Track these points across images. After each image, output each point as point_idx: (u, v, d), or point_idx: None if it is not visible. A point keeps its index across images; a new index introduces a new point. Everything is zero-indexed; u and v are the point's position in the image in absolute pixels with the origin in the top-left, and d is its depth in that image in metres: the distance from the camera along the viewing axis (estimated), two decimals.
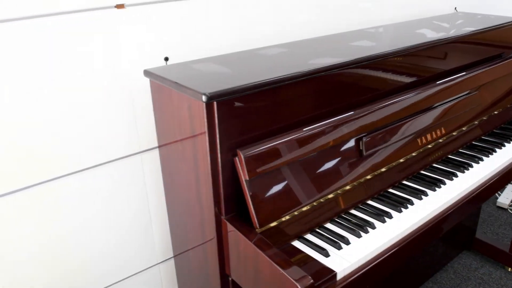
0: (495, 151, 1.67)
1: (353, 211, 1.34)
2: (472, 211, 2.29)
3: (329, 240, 1.21)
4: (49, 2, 1.19)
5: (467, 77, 1.70)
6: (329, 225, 1.28)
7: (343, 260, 1.14)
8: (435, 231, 1.34)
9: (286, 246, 1.19)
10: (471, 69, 1.74)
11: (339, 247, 1.18)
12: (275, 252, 1.07)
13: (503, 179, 1.59)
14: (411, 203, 1.36)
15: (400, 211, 1.33)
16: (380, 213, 1.31)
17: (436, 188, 1.43)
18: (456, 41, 1.67)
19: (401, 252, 1.24)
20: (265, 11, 1.63)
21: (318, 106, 1.29)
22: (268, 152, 1.15)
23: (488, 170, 1.54)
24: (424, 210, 1.33)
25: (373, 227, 1.26)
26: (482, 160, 1.61)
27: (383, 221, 1.28)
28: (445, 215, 1.35)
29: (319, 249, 1.17)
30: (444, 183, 1.46)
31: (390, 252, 1.21)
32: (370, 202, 1.38)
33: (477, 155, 1.63)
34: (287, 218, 1.20)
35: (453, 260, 2.29)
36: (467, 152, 1.66)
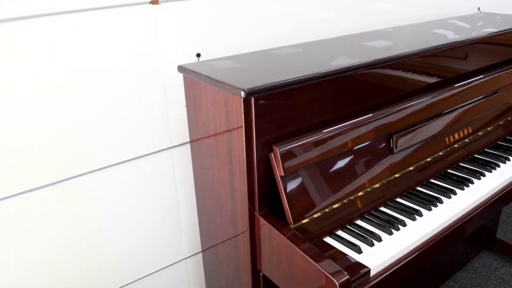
0: None
1: (383, 208, 1.34)
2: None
3: (361, 237, 1.22)
4: None
5: (492, 78, 1.69)
6: (360, 222, 1.29)
7: (376, 257, 1.15)
8: (464, 230, 1.34)
9: (318, 242, 1.20)
10: (496, 70, 1.74)
11: (371, 244, 1.19)
12: (310, 247, 1.08)
13: None
14: (441, 202, 1.36)
15: (430, 209, 1.33)
16: (410, 211, 1.31)
17: (465, 187, 1.43)
18: (481, 42, 1.66)
19: (432, 250, 1.24)
20: (293, 10, 1.64)
21: (350, 104, 1.29)
22: (303, 149, 1.16)
23: None
24: (454, 209, 1.33)
25: (404, 225, 1.27)
26: (509, 160, 1.60)
27: (414, 219, 1.29)
28: (474, 214, 1.35)
29: (352, 246, 1.18)
30: (472, 182, 1.46)
31: (421, 250, 1.21)
32: (400, 200, 1.38)
33: (503, 155, 1.62)
34: (319, 215, 1.21)
35: (474, 260, 2.28)
36: (493, 152, 1.66)
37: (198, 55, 1.39)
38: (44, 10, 1.16)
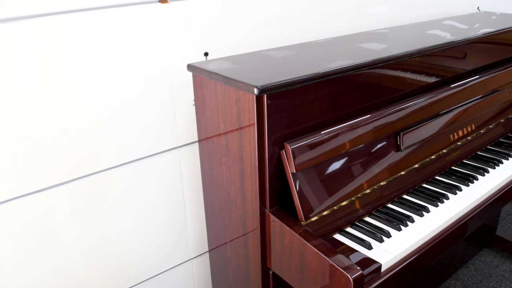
0: None
1: (390, 205, 1.36)
2: None
3: (370, 233, 1.22)
4: None
5: (493, 76, 1.72)
6: (368, 219, 1.30)
7: (386, 253, 1.16)
8: (471, 224, 1.36)
9: (329, 239, 1.21)
10: (497, 68, 1.77)
11: (381, 240, 1.20)
12: (322, 243, 1.09)
13: None
14: (447, 198, 1.38)
15: (437, 205, 1.34)
16: (417, 207, 1.32)
17: (470, 184, 1.45)
18: (481, 41, 1.68)
19: (440, 246, 1.26)
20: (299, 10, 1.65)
21: (359, 102, 1.31)
22: (314, 146, 1.16)
23: None
24: (460, 204, 1.35)
25: (412, 221, 1.28)
26: (511, 157, 1.62)
27: (421, 215, 1.30)
28: (480, 209, 1.37)
29: (361, 242, 1.19)
30: (477, 178, 1.48)
31: (430, 246, 1.22)
32: (406, 197, 1.39)
33: (505, 151, 1.65)
34: (328, 212, 1.22)
35: (474, 257, 2.30)
36: (495, 149, 1.68)
37: (206, 54, 1.39)
38: (50, 9, 1.15)
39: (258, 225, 1.21)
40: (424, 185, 1.46)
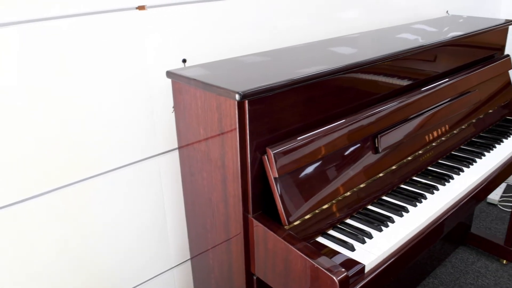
0: (495, 147, 1.74)
1: (371, 207, 1.37)
2: None
3: (352, 235, 1.24)
4: (68, 4, 1.18)
5: (464, 78, 1.77)
6: (350, 221, 1.31)
7: (369, 253, 1.17)
8: (448, 223, 1.39)
9: (312, 242, 1.21)
10: (468, 70, 1.82)
11: (363, 241, 1.21)
12: (306, 246, 1.10)
13: (507, 171, 1.67)
14: (425, 197, 1.41)
15: (415, 205, 1.37)
16: (397, 208, 1.35)
17: (446, 183, 1.48)
18: (452, 44, 1.73)
19: (421, 244, 1.28)
20: (273, 16, 1.66)
21: (338, 105, 1.32)
22: (296, 150, 1.17)
23: (492, 164, 1.61)
24: (439, 203, 1.38)
25: (392, 221, 1.30)
26: (484, 155, 1.67)
27: (401, 215, 1.32)
28: (458, 206, 1.41)
29: (344, 244, 1.20)
30: (453, 178, 1.52)
31: (411, 245, 1.25)
32: (386, 198, 1.42)
33: (477, 150, 1.70)
34: (310, 216, 1.22)
35: (451, 255, 2.35)
36: (469, 148, 1.73)
37: (184, 61, 1.39)
38: (28, 16, 1.13)
39: (242, 230, 1.21)
40: (402, 186, 1.48)
